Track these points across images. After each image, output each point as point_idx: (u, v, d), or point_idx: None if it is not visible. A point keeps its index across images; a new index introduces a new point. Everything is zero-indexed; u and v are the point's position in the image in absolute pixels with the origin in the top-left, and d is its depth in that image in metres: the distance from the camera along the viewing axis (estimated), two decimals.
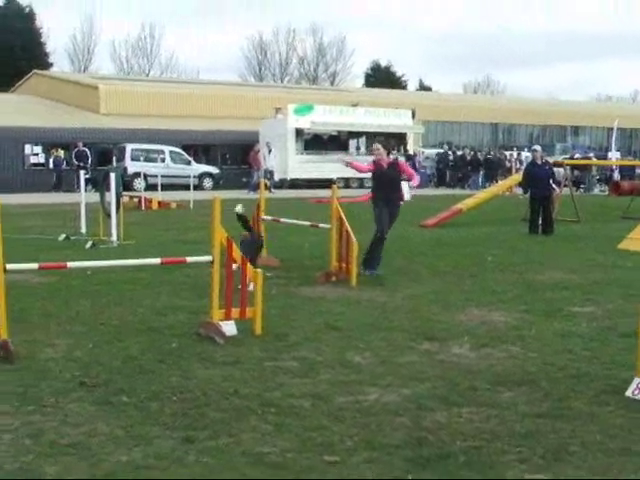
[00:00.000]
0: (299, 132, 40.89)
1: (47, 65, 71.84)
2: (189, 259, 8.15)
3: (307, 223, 12.47)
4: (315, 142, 42.20)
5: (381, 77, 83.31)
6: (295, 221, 13.24)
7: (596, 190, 40.43)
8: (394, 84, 78.55)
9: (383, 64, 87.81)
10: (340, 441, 4.93)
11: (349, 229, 10.89)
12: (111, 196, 15.56)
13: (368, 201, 12.82)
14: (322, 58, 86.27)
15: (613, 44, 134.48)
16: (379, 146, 11.89)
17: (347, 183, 40.80)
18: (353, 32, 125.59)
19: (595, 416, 5.49)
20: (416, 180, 13.92)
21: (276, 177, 37.94)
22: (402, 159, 11.87)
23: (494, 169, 43.28)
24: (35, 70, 59.74)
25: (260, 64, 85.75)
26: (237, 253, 7.77)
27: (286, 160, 39.42)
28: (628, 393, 5.92)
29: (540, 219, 18.40)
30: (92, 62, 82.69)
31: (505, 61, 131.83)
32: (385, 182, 11.79)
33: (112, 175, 15.61)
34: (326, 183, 14.08)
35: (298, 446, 4.84)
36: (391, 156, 12.25)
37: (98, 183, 19.38)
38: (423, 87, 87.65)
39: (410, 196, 30.81)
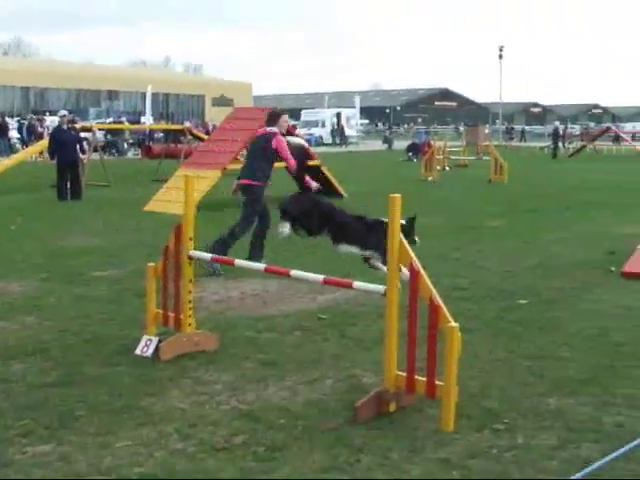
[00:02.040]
0: None
1: None
2: None
3: None
4: None
5: None
6: None
7: (130, 154, 41.09)
8: None
9: None
10: None
11: None
12: None
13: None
14: None
15: (151, 9, 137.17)
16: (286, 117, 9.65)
17: None
18: None
19: (105, 378, 5.55)
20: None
21: None
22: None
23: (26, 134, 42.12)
24: None
25: None
26: None
27: None
28: (137, 351, 6.07)
29: (69, 184, 18.20)
30: None
31: (38, 23, 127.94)
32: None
33: None
34: None
35: None
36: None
37: None
38: None
39: None
